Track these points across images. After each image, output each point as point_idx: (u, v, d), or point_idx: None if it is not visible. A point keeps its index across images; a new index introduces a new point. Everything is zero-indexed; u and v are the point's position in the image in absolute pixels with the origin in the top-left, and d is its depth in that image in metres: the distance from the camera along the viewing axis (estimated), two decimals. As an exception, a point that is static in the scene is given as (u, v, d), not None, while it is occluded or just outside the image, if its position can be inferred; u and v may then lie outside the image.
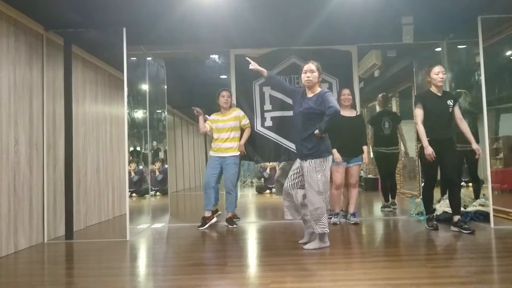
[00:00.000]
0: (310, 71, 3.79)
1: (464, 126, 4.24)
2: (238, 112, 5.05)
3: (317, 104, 3.69)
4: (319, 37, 5.12)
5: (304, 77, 3.82)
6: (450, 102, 4.22)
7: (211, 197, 4.92)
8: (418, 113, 4.25)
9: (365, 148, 4.97)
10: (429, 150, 4.13)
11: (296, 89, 4.01)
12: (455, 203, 4.22)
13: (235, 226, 4.90)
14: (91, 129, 5.56)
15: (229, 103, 5.06)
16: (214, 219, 5.03)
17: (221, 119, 5.02)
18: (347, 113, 4.94)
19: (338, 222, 4.88)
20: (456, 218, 4.20)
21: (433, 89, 4.29)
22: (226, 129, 4.96)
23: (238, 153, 4.98)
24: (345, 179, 4.96)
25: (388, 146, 5.98)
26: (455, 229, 4.18)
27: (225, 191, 4.95)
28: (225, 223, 4.97)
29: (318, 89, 3.82)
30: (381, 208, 6.16)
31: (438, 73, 4.21)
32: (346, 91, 4.98)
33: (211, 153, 5.03)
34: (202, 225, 4.88)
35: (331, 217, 5.00)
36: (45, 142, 4.47)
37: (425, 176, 4.39)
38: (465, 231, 4.09)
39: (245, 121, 5.05)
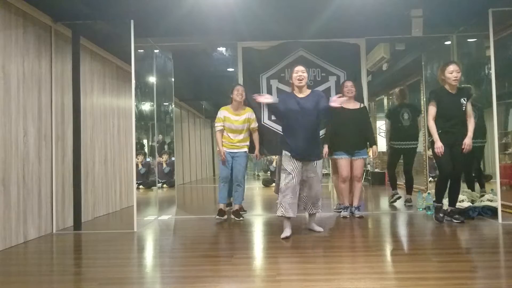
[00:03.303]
0: (302, 71, 4.02)
1: (470, 123, 4.29)
2: (250, 114, 5.00)
3: (316, 105, 3.96)
4: (327, 30, 5.08)
5: (296, 76, 4.01)
6: (463, 100, 4.26)
7: (226, 190, 4.99)
8: (431, 110, 4.31)
9: (374, 148, 4.95)
10: (438, 144, 4.22)
11: (282, 98, 4.16)
12: (454, 195, 4.39)
13: (241, 219, 4.91)
14: (99, 121, 5.59)
15: (244, 97, 5.00)
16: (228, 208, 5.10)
17: (233, 118, 4.94)
18: (350, 105, 4.89)
19: (348, 216, 4.87)
20: (450, 208, 4.41)
21: (447, 86, 4.31)
22: (236, 131, 4.94)
23: (247, 149, 5.03)
24: (350, 172, 4.94)
25: (406, 140, 5.65)
26: (448, 218, 4.40)
27: (234, 184, 4.95)
28: (232, 216, 4.98)
29: (307, 90, 4.07)
30: (389, 199, 6.00)
31: (452, 72, 4.22)
32: (349, 83, 4.95)
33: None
34: (221, 216, 4.85)
35: (341, 210, 5.00)
36: (53, 134, 4.50)
37: (441, 172, 4.37)
38: (455, 221, 4.32)
39: (255, 124, 5.03)
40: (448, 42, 5.64)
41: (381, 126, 10.44)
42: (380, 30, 5.27)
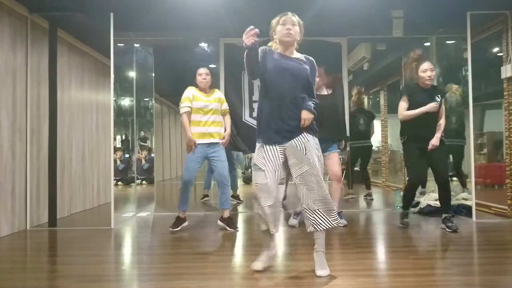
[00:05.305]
0: (291, 24, 2.90)
1: (442, 122, 3.95)
2: (220, 94, 4.34)
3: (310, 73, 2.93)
4: (309, 28, 5.01)
5: (283, 29, 2.88)
6: (437, 98, 3.91)
7: (189, 196, 4.14)
8: (402, 105, 3.96)
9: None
10: (424, 109, 3.84)
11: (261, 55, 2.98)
12: (446, 200, 3.99)
13: (237, 229, 4.10)
14: (77, 116, 5.47)
15: (209, 82, 4.19)
16: (187, 223, 4.19)
17: (203, 97, 4.14)
18: (317, 91, 3.92)
19: (296, 225, 4.25)
20: (443, 216, 4.00)
21: (421, 84, 3.99)
22: (208, 111, 4.11)
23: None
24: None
25: (362, 139, 6.28)
26: (443, 226, 3.98)
27: (218, 185, 4.17)
28: (221, 223, 4.17)
29: (295, 52, 3.01)
30: (364, 196, 6.51)
31: (425, 71, 3.88)
32: (320, 70, 3.93)
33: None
34: (175, 226, 4.10)
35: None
36: (28, 128, 4.38)
37: (411, 178, 4.12)
38: (448, 230, 3.88)
39: (225, 105, 4.30)
40: (428, 44, 5.74)
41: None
42: (362, 29, 5.31)
